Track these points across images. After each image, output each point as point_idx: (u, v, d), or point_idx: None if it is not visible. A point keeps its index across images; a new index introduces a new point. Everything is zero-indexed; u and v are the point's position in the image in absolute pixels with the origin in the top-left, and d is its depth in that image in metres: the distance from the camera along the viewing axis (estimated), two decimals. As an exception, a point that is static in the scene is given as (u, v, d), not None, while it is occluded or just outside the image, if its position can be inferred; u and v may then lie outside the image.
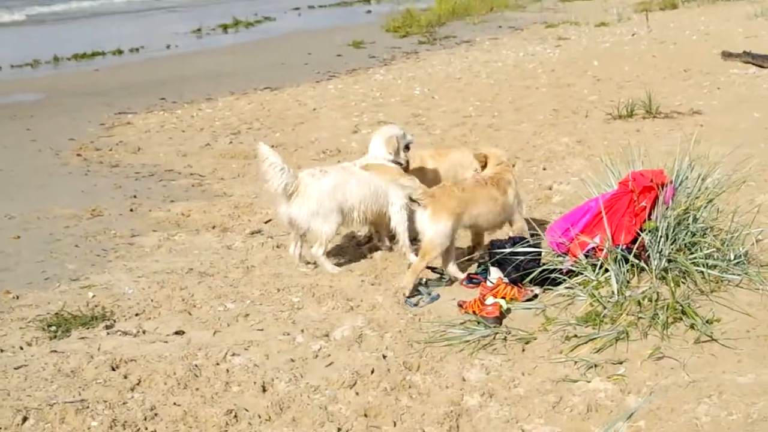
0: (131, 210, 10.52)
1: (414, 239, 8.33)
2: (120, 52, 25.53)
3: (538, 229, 8.09)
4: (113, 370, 6.19)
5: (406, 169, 8.75)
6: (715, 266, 7.16)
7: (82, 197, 11.02)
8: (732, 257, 7.28)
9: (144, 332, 6.93)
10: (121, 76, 21.49)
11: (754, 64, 18.12)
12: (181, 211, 10.40)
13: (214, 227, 9.83)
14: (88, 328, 6.97)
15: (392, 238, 8.74)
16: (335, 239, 8.78)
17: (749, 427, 5.19)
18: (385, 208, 8.54)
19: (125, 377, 6.08)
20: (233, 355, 6.40)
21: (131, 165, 12.99)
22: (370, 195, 8.44)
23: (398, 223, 8.52)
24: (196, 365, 6.24)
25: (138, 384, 6.00)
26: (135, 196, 11.09)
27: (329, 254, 8.50)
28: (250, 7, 37.40)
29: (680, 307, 6.61)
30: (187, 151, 13.71)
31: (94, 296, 7.66)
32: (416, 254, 8.08)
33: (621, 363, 6.10)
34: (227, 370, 6.18)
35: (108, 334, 6.87)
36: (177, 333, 6.89)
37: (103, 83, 20.52)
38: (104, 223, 9.98)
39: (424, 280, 7.91)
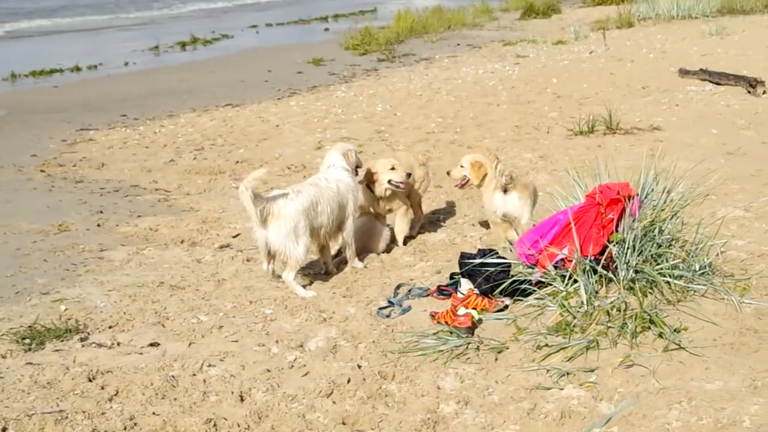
0: (98, 225, 10.51)
1: None
2: (78, 69, 25.33)
3: (507, 241, 8.22)
4: (90, 381, 6.21)
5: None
6: (681, 276, 7.31)
7: (48, 212, 10.98)
8: (697, 268, 7.44)
9: (119, 344, 6.95)
10: (81, 93, 21.35)
11: (710, 81, 18.41)
12: (148, 225, 10.41)
13: (182, 242, 9.85)
14: (62, 341, 6.97)
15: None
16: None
17: (719, 432, 5.32)
18: (343, 219, 8.78)
19: (102, 388, 6.10)
20: (209, 365, 6.45)
21: (96, 181, 12.97)
22: (336, 209, 8.56)
23: (348, 235, 8.85)
24: (172, 376, 6.28)
25: (116, 395, 6.03)
26: (101, 212, 11.06)
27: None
28: (207, 25, 37.37)
29: (648, 317, 6.75)
30: (152, 167, 13.71)
31: (66, 309, 7.65)
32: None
33: (592, 371, 6.23)
34: (204, 381, 6.23)
35: (83, 346, 6.88)
36: (152, 345, 6.92)
37: (63, 100, 20.38)
38: (72, 238, 9.95)
39: (395, 292, 8.01)
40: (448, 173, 9.52)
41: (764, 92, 16.72)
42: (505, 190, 8.81)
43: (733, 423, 5.38)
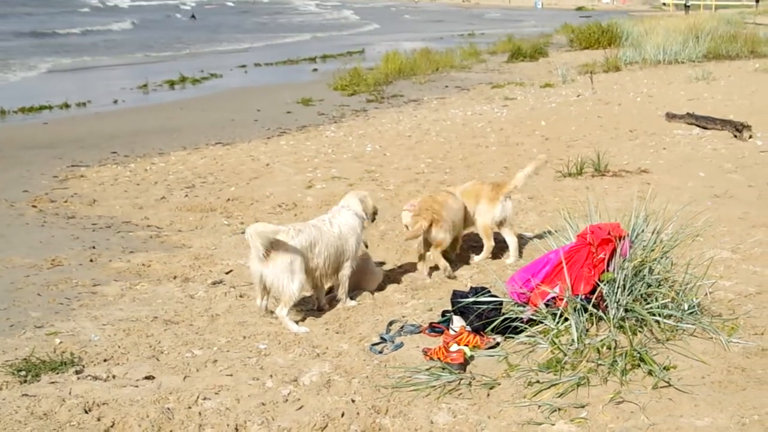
0: (91, 260, 10.56)
1: None
2: (67, 106, 25.36)
3: (498, 280, 8.31)
4: (86, 413, 6.25)
5: None
6: (670, 316, 7.41)
7: (41, 247, 11.03)
8: (686, 307, 7.53)
9: (114, 377, 6.99)
10: (71, 130, 21.39)
11: (697, 125, 18.59)
12: (141, 261, 10.47)
13: (175, 277, 9.93)
14: (57, 373, 7.02)
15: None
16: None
17: (708, 467, 5.40)
18: (341, 263, 8.92)
19: (99, 420, 6.15)
20: (204, 399, 6.50)
21: (87, 217, 13.02)
22: (334, 254, 8.68)
23: (344, 276, 8.98)
24: (168, 408, 6.33)
25: (112, 426, 6.07)
26: (94, 247, 11.12)
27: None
28: (195, 64, 37.50)
29: (638, 355, 6.82)
30: (143, 204, 13.77)
31: (61, 342, 7.69)
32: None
33: (583, 407, 6.29)
34: (200, 413, 6.28)
35: (78, 378, 6.92)
36: (147, 378, 6.96)
37: (54, 137, 20.40)
38: (65, 273, 10.01)
39: (387, 328, 8.09)
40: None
41: (750, 137, 16.91)
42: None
43: (722, 459, 5.47)
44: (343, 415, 6.22)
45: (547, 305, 7.51)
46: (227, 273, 10.12)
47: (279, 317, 8.36)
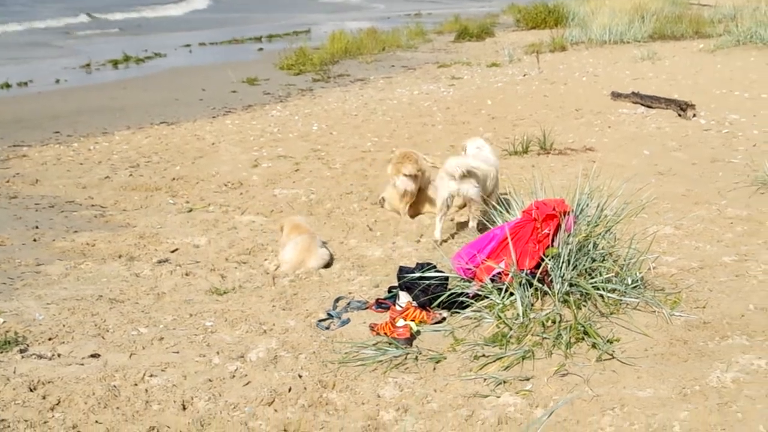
0: (34, 240, 10.44)
1: None
2: (8, 86, 24.99)
3: (444, 255, 8.35)
4: (31, 391, 6.20)
5: None
6: (614, 290, 7.50)
7: (-18, 228, 10.91)
8: (629, 281, 7.64)
9: (59, 356, 6.94)
10: (12, 110, 21.05)
11: (642, 104, 18.75)
12: (85, 241, 10.37)
13: (120, 256, 9.85)
14: (1, 353, 6.92)
15: None
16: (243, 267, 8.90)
17: (650, 437, 5.48)
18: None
19: (44, 398, 6.10)
20: (151, 375, 6.47)
21: (30, 197, 12.87)
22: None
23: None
24: (114, 386, 6.29)
25: (57, 404, 6.03)
26: (37, 227, 10.99)
27: (241, 281, 8.62)
28: (139, 44, 37.11)
29: (582, 328, 6.92)
30: (87, 184, 13.64)
31: (4, 322, 7.59)
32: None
33: (528, 379, 6.36)
34: (146, 390, 6.26)
35: (22, 357, 6.85)
36: (92, 356, 6.92)
37: (-5, 116, 20.21)
38: (7, 253, 9.89)
39: (334, 305, 8.10)
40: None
41: (694, 115, 17.08)
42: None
43: (664, 428, 5.54)
44: (290, 390, 6.24)
45: (492, 280, 7.57)
46: (173, 252, 10.07)
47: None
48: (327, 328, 7.55)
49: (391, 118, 18.98)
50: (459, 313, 7.53)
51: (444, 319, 7.55)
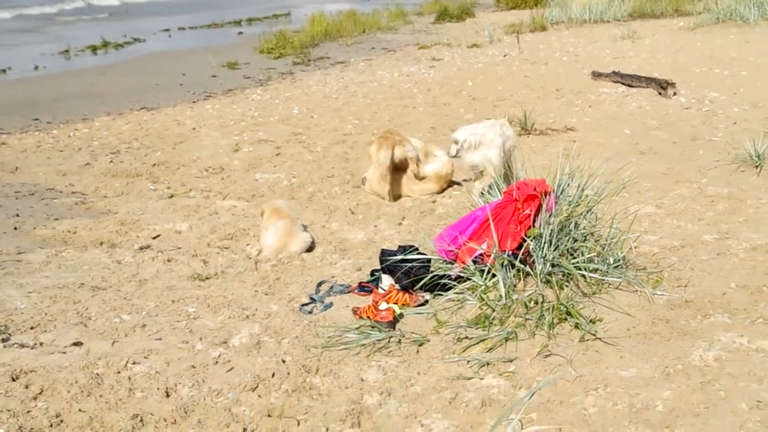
0: (15, 228, 10.39)
1: None
2: (-15, 73, 25.00)
3: (426, 238, 8.35)
4: (14, 380, 6.16)
5: None
6: (596, 270, 7.49)
7: (-38, 216, 10.86)
8: (611, 261, 7.63)
9: (41, 344, 6.90)
10: (-9, 97, 21.08)
11: (622, 83, 18.80)
12: (66, 228, 10.33)
13: (101, 243, 9.82)
14: (-17, 342, 6.94)
15: None
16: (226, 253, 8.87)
17: (633, 416, 5.46)
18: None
19: (27, 387, 6.06)
20: (134, 363, 6.45)
21: (10, 184, 12.81)
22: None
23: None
24: (97, 374, 6.27)
25: (41, 393, 6.00)
26: (17, 215, 10.94)
27: (223, 267, 8.61)
28: (118, 29, 36.97)
29: (565, 309, 6.91)
30: (67, 171, 13.59)
31: (-15, 311, 7.60)
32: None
33: (511, 361, 6.35)
34: (129, 378, 6.23)
35: (5, 347, 6.81)
36: (75, 344, 6.89)
37: (-27, 103, 20.10)
38: (-12, 241, 9.88)
39: (317, 289, 8.10)
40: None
41: (674, 94, 17.12)
42: None
43: (647, 407, 5.55)
44: (273, 375, 6.23)
45: (474, 262, 7.55)
46: (154, 238, 10.05)
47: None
48: (310, 313, 7.54)
49: (372, 101, 18.96)
50: (442, 295, 7.52)
51: (427, 301, 7.54)
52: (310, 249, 9.50)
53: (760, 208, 9.92)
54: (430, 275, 7.61)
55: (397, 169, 11.36)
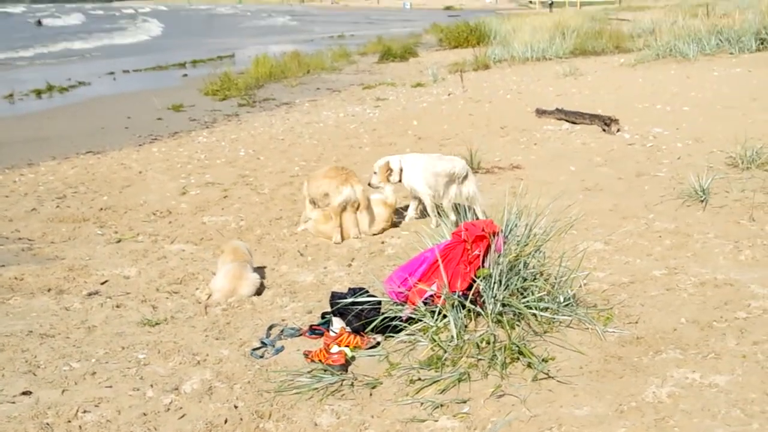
0: (-40, 276, 10.28)
1: None
2: (-74, 117, 24.74)
3: (376, 279, 8.35)
4: (-39, 432, 6.11)
5: None
6: (546, 308, 7.53)
7: None
8: (562, 299, 7.68)
9: (-11, 394, 6.83)
10: (-67, 143, 20.83)
11: (566, 120, 18.98)
12: (13, 275, 10.19)
13: (49, 290, 9.70)
14: (-70, 393, 6.82)
15: None
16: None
17: (588, 454, 5.52)
18: None
19: (-25, 439, 6.01)
20: (84, 411, 6.37)
21: (-45, 231, 12.67)
22: None
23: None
24: (47, 423, 6.19)
25: (-11, 445, 5.94)
26: (-38, 262, 10.83)
27: (173, 313, 8.55)
28: (62, 73, 36.77)
29: (517, 348, 6.93)
30: (13, 216, 13.44)
31: (-68, 362, 7.48)
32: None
33: (465, 402, 6.36)
34: (80, 427, 6.16)
35: (-49, 398, 6.75)
36: (24, 393, 6.79)
37: None
38: (-67, 290, 9.73)
39: (267, 333, 8.06)
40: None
41: (618, 130, 17.30)
42: None
43: (601, 446, 5.59)
44: (226, 421, 6.19)
45: (425, 303, 7.57)
46: (102, 283, 9.95)
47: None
48: (261, 357, 7.49)
49: (318, 141, 19.00)
50: (393, 337, 7.51)
51: (378, 343, 7.53)
52: (259, 292, 9.46)
53: (707, 243, 10.03)
54: (381, 317, 7.61)
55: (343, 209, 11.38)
